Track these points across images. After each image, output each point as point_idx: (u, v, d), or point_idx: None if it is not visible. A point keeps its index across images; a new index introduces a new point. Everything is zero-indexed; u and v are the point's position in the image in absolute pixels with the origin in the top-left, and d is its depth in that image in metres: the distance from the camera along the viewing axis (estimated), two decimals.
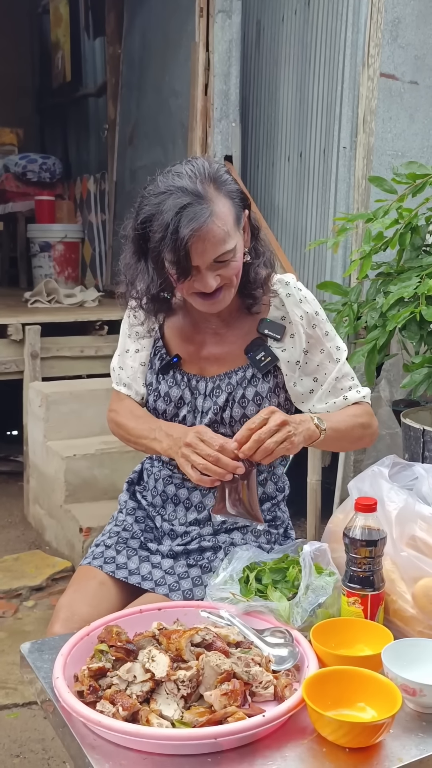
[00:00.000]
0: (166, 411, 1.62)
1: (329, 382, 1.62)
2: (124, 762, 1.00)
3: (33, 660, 1.24)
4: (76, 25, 6.63)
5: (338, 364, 1.63)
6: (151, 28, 4.91)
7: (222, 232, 1.41)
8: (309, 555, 1.29)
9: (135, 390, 1.71)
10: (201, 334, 1.64)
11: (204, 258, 1.41)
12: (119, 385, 1.74)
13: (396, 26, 3.52)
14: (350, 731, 1.00)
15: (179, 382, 1.62)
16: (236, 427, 1.56)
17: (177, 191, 1.39)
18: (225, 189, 1.44)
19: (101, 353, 4.12)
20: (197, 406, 1.60)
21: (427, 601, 1.24)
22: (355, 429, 1.60)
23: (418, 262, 2.70)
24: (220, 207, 1.41)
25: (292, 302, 1.60)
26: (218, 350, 1.62)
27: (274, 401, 1.60)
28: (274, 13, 4.02)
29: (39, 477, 3.68)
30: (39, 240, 5.58)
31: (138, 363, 1.69)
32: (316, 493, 3.30)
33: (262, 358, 1.58)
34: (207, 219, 1.38)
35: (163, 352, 1.65)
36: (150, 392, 1.66)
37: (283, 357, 1.60)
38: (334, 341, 1.64)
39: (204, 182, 1.41)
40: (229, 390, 1.58)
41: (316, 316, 1.62)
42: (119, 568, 1.62)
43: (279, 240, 3.92)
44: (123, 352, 1.73)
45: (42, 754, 2.14)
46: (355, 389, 1.65)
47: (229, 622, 1.26)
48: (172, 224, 1.37)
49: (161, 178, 1.45)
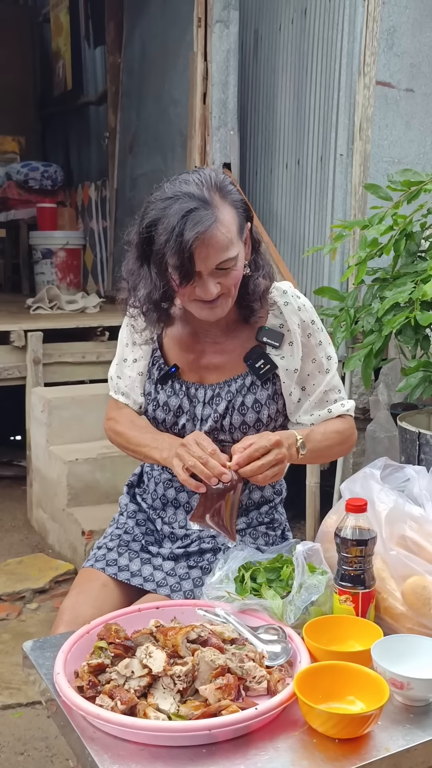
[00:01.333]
0: (165, 420, 1.64)
1: (317, 394, 1.65)
2: (123, 753, 1.04)
3: (35, 658, 1.28)
4: (77, 34, 6.68)
5: (327, 376, 1.65)
6: (150, 37, 4.97)
7: (226, 239, 1.43)
8: (302, 554, 1.33)
9: (133, 399, 1.72)
10: (200, 343, 1.65)
11: (207, 263, 1.43)
12: (117, 394, 1.75)
13: (392, 35, 3.57)
14: (339, 722, 1.04)
15: (177, 392, 1.64)
16: (236, 434, 1.60)
17: (183, 197, 1.42)
18: (230, 198, 1.47)
19: (102, 359, 4.17)
20: (196, 414, 1.62)
21: (416, 599, 1.28)
22: (335, 446, 1.64)
23: (413, 268, 2.74)
24: (225, 215, 1.44)
25: (290, 310, 1.62)
26: (218, 359, 1.64)
27: (272, 408, 1.62)
28: (272, 23, 4.07)
29: (42, 481, 3.72)
30: (41, 247, 5.63)
31: (136, 372, 1.71)
32: (314, 495, 3.34)
33: (262, 365, 1.60)
34: (212, 224, 1.40)
35: (161, 362, 1.67)
36: (149, 402, 1.67)
37: (282, 365, 1.61)
38: (326, 351, 1.66)
39: (210, 190, 1.43)
40: (229, 398, 1.60)
41: (312, 325, 1.64)
42: (121, 570, 1.64)
43: (277, 246, 3.96)
44: (121, 361, 1.74)
45: (45, 752, 2.18)
46: (340, 402, 1.67)
47: (225, 619, 1.30)
48: (178, 227, 1.39)
49: (168, 184, 1.47)
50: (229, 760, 1.02)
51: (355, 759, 1.02)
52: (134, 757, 1.04)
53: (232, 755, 1.03)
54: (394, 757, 1.04)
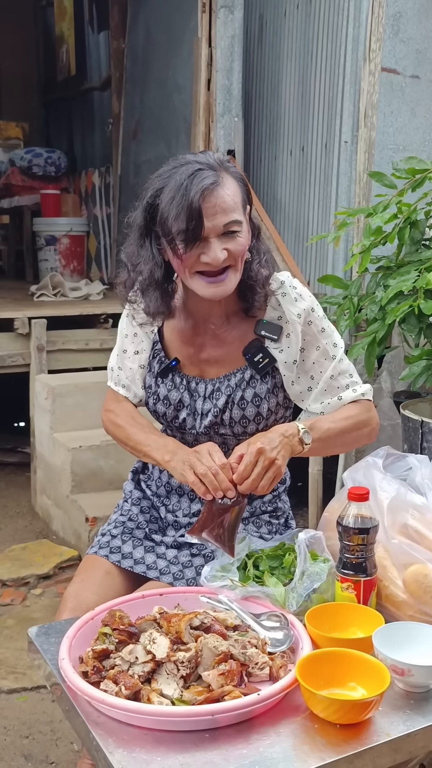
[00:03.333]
0: (166, 414, 1.64)
1: (324, 380, 1.62)
2: (126, 737, 1.06)
3: (40, 643, 1.30)
4: (80, 18, 6.65)
5: (334, 362, 1.62)
6: (154, 22, 4.94)
7: (231, 200, 1.44)
8: (304, 542, 1.34)
9: (134, 392, 1.72)
10: (200, 336, 1.64)
11: (214, 222, 1.43)
12: (118, 386, 1.75)
13: (397, 20, 3.55)
14: (340, 708, 1.06)
15: (178, 385, 1.63)
16: (236, 428, 1.60)
17: (189, 163, 1.44)
18: (233, 174, 1.49)
19: (106, 346, 4.17)
20: (197, 408, 1.62)
21: (417, 587, 1.29)
22: (348, 433, 1.59)
23: (417, 256, 2.73)
24: (230, 182, 1.46)
25: (287, 301, 1.60)
26: (217, 352, 1.63)
27: (272, 402, 1.61)
28: (276, 8, 4.04)
29: (46, 468, 3.74)
30: (45, 233, 5.62)
31: (137, 365, 1.70)
32: (317, 483, 3.35)
33: (260, 359, 1.59)
34: (218, 182, 1.42)
35: (162, 356, 1.66)
36: (149, 395, 1.67)
37: (281, 358, 1.60)
38: (331, 338, 1.63)
39: (215, 162, 1.46)
40: (228, 392, 1.60)
41: (312, 312, 1.61)
42: (125, 557, 1.65)
43: (281, 234, 3.95)
44: (121, 352, 1.73)
45: (50, 735, 2.20)
46: (351, 388, 1.63)
47: (228, 606, 1.31)
48: (185, 185, 1.40)
49: (172, 160, 1.49)
50: (231, 744, 1.04)
51: (356, 744, 1.04)
52: (138, 741, 1.05)
53: (235, 740, 1.05)
54: (395, 743, 1.06)
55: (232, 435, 1.61)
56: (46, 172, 6.26)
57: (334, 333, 1.65)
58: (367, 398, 1.65)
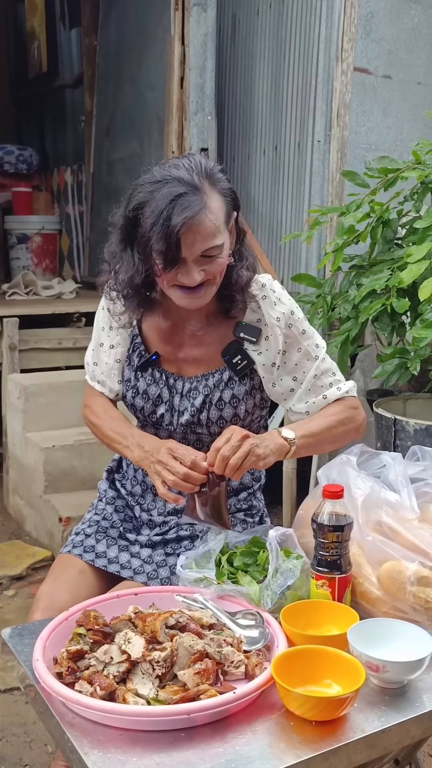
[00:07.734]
0: (144, 408, 1.64)
1: (308, 380, 1.62)
2: (102, 738, 1.05)
3: (14, 644, 1.28)
4: (52, 14, 6.58)
5: (317, 362, 1.62)
6: (127, 20, 4.91)
7: (213, 226, 1.42)
8: (275, 539, 1.34)
9: (109, 387, 1.71)
10: (179, 335, 1.64)
11: (192, 249, 1.42)
12: (93, 381, 1.74)
13: (369, 21, 3.57)
14: (316, 705, 1.06)
15: (158, 380, 1.63)
16: (213, 428, 1.60)
17: (173, 181, 1.40)
18: (219, 186, 1.46)
19: (79, 345, 4.15)
20: (175, 405, 1.62)
21: (392, 583, 1.30)
22: (334, 429, 1.60)
23: (389, 255, 2.75)
24: (213, 202, 1.43)
25: (267, 304, 1.60)
26: (196, 352, 1.63)
27: (250, 403, 1.62)
28: (249, 7, 4.05)
29: (18, 468, 3.71)
30: (16, 232, 5.57)
31: (113, 359, 1.69)
32: (291, 481, 3.36)
33: (239, 361, 1.59)
34: (200, 211, 1.39)
35: (141, 349, 1.65)
36: (128, 389, 1.66)
37: (259, 360, 1.60)
38: (312, 339, 1.64)
39: (200, 176, 1.42)
40: (206, 392, 1.59)
41: (292, 315, 1.61)
42: (98, 556, 1.65)
43: (255, 232, 3.96)
44: (97, 346, 1.72)
45: (24, 738, 2.18)
46: (335, 386, 1.64)
47: (203, 605, 1.31)
48: (166, 211, 1.38)
49: (157, 168, 1.46)
50: (207, 743, 1.03)
51: (331, 741, 1.04)
52: (114, 741, 1.04)
53: (211, 739, 1.05)
54: (370, 738, 1.06)
55: (208, 434, 1.60)
56: (18, 169, 6.21)
57: (315, 334, 1.66)
58: (352, 395, 1.66)
